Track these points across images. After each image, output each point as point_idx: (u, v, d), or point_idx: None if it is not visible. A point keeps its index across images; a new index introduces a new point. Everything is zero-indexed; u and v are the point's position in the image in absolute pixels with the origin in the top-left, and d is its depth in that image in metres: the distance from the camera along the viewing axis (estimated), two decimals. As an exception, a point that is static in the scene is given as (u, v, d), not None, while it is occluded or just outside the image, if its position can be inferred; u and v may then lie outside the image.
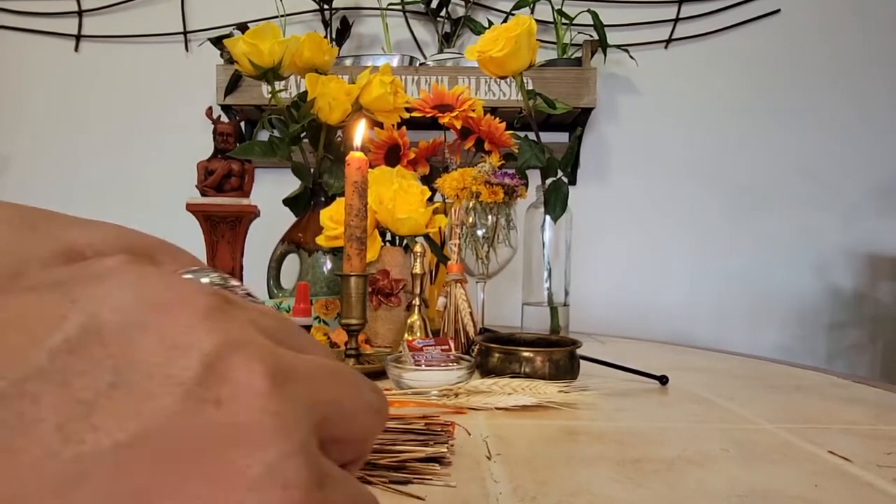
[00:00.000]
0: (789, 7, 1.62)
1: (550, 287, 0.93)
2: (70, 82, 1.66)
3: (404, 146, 1.01)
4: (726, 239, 1.63)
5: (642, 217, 1.63)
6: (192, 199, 1.00)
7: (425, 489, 0.35)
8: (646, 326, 1.54)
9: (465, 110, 0.95)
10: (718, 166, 1.63)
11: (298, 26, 1.63)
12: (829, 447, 0.45)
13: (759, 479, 0.38)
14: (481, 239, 0.86)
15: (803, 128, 1.62)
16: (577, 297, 1.03)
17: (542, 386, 0.56)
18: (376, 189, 0.84)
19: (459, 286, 0.78)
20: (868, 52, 1.62)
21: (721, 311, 1.62)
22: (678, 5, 1.62)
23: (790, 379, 0.73)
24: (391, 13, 1.61)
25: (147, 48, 1.65)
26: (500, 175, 0.85)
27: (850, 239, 1.62)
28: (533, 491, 0.35)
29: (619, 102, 1.64)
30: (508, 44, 0.84)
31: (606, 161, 1.64)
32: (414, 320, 0.77)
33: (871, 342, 1.63)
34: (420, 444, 0.39)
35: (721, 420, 0.53)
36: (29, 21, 1.66)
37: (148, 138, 1.65)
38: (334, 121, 0.92)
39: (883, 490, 0.37)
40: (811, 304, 1.62)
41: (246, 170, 1.05)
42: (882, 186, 1.62)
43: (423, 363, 0.63)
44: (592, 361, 0.68)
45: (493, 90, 1.45)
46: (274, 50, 0.90)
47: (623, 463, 0.40)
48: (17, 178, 1.66)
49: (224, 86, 1.46)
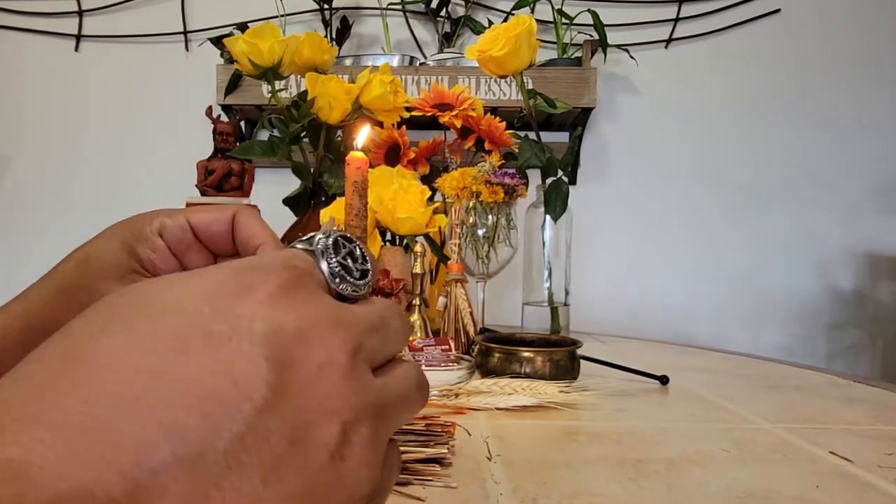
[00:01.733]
0: (789, 7, 1.62)
1: (551, 287, 0.93)
2: (70, 82, 1.66)
3: (404, 146, 1.01)
4: (726, 239, 1.63)
5: (642, 217, 1.63)
6: (192, 199, 1.00)
7: (426, 490, 0.35)
8: (646, 326, 1.54)
9: (465, 109, 0.95)
10: (718, 166, 1.63)
11: (298, 26, 1.63)
12: (829, 447, 0.45)
13: (759, 479, 0.38)
14: (481, 239, 0.86)
15: (803, 128, 1.62)
16: (578, 296, 1.03)
17: (542, 386, 0.56)
18: (376, 189, 0.84)
19: (459, 286, 0.78)
20: (868, 52, 1.62)
21: (721, 311, 1.62)
22: (678, 5, 1.62)
23: (790, 379, 0.73)
24: (391, 13, 1.61)
25: (147, 48, 1.65)
26: (501, 175, 0.85)
27: (850, 239, 1.62)
28: (533, 492, 0.35)
29: (619, 102, 1.64)
30: (508, 43, 0.84)
31: (606, 161, 1.64)
32: (414, 320, 0.77)
33: (871, 342, 1.63)
34: (420, 445, 0.39)
35: (721, 420, 0.53)
36: (29, 21, 1.66)
37: (148, 138, 1.65)
38: (334, 120, 0.92)
39: (884, 491, 0.37)
40: (811, 304, 1.62)
41: (246, 169, 1.05)
42: (882, 186, 1.62)
43: (423, 363, 0.63)
44: (593, 361, 0.68)
45: (493, 90, 1.45)
46: (274, 49, 0.90)
47: (623, 463, 0.40)
48: (17, 178, 1.66)
49: (224, 85, 1.46)
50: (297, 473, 0.14)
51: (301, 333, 0.15)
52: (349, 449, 0.15)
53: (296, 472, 0.14)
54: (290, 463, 0.14)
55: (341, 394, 0.15)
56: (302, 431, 0.14)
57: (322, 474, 0.15)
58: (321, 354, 0.15)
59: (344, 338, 0.16)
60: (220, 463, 0.13)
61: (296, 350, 0.15)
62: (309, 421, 0.15)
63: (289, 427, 0.14)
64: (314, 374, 0.15)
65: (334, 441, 0.15)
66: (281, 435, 0.14)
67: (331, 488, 0.15)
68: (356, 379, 0.16)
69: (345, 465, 0.15)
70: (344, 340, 0.16)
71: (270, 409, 0.14)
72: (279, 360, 0.15)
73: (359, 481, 0.15)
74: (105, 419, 0.13)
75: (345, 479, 0.15)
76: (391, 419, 0.17)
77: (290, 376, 0.15)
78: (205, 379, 0.14)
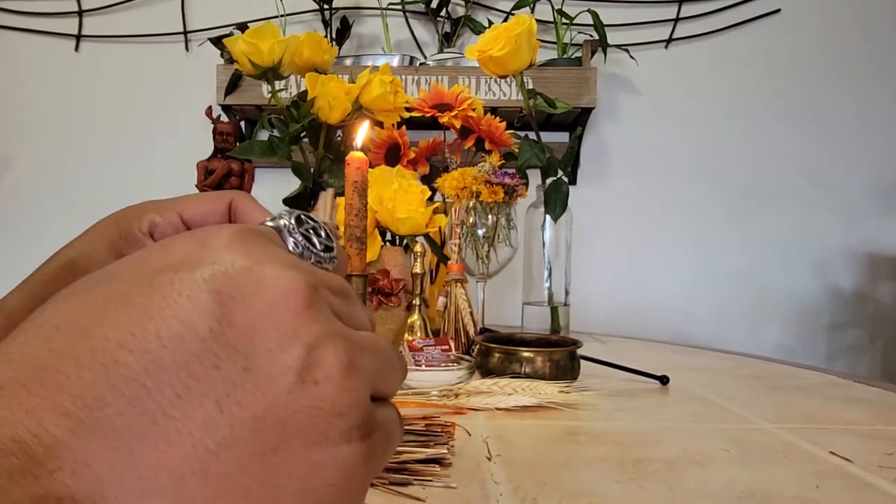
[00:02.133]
0: (789, 7, 1.62)
1: (551, 287, 0.93)
2: (70, 82, 1.66)
3: (404, 146, 1.01)
4: (726, 238, 1.63)
5: (642, 216, 1.63)
6: (192, 199, 1.00)
7: (426, 490, 0.35)
8: (646, 326, 1.54)
9: (465, 109, 0.95)
10: (718, 166, 1.63)
11: (299, 26, 1.63)
12: (829, 447, 0.45)
13: (759, 479, 0.38)
14: (481, 238, 0.86)
15: (803, 127, 1.62)
16: (578, 296, 1.03)
17: (542, 386, 0.56)
18: (376, 189, 0.84)
19: (459, 286, 0.78)
20: (868, 52, 1.62)
21: (721, 311, 1.62)
22: (678, 5, 1.62)
23: (790, 379, 0.73)
24: (391, 13, 1.61)
25: (147, 48, 1.65)
26: (501, 175, 0.85)
27: (850, 239, 1.62)
28: (533, 492, 0.35)
29: (619, 102, 1.64)
30: (508, 43, 0.84)
31: (606, 161, 1.64)
32: (414, 320, 0.77)
33: (871, 342, 1.63)
34: (420, 445, 0.39)
35: (721, 420, 0.53)
36: (29, 21, 1.66)
37: (148, 138, 1.65)
38: (334, 120, 0.92)
39: (884, 491, 0.37)
40: (811, 303, 1.62)
41: (246, 169, 1.05)
42: (882, 186, 1.62)
43: (423, 363, 0.63)
44: (593, 361, 0.68)
45: (493, 90, 1.45)
46: (274, 49, 0.90)
47: (623, 463, 0.40)
48: (18, 178, 1.66)
49: (224, 86, 1.46)
50: (257, 397, 0.14)
51: (250, 269, 0.15)
52: (322, 371, 0.15)
53: (255, 396, 0.14)
54: (246, 388, 0.14)
55: (302, 321, 0.15)
56: (258, 357, 0.15)
57: (291, 397, 0.15)
58: (276, 286, 0.15)
59: (300, 276, 0.16)
60: (166, 392, 0.14)
61: (245, 284, 0.15)
62: (266, 347, 0.15)
63: (241, 354, 0.14)
64: (269, 303, 0.15)
65: (299, 363, 0.15)
66: (232, 362, 0.14)
67: (307, 411, 0.15)
68: (318, 308, 0.16)
69: (319, 388, 0.15)
70: (299, 278, 0.16)
71: (216, 337, 0.14)
72: (225, 293, 0.15)
73: (340, 405, 0.15)
74: (48, 369, 0.14)
75: (322, 403, 0.15)
76: (368, 360, 0.16)
77: (239, 307, 0.15)
78: (144, 319, 0.14)
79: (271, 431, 0.14)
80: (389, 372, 0.18)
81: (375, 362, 0.17)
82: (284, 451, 0.15)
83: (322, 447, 0.15)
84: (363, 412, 0.16)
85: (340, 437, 0.15)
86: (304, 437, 0.15)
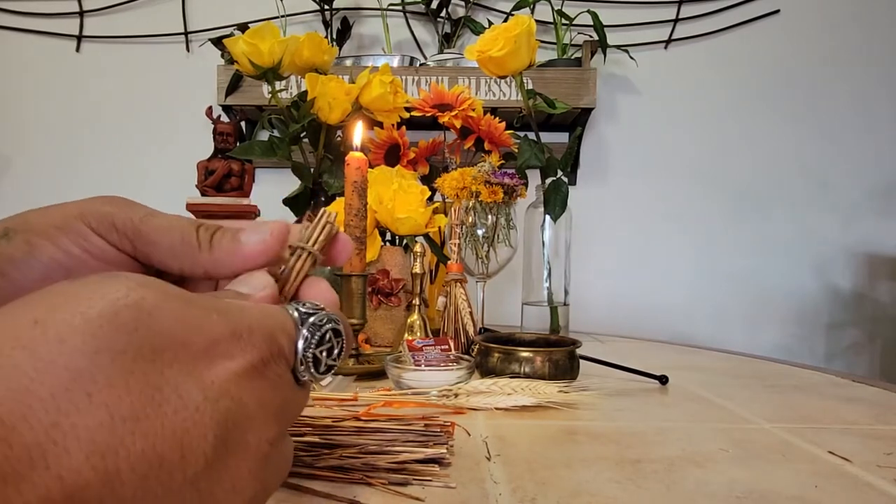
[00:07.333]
0: (789, 7, 1.62)
1: (550, 287, 0.93)
2: (71, 83, 1.66)
3: (404, 146, 1.01)
4: (726, 239, 1.63)
5: (642, 217, 1.63)
6: (192, 199, 1.00)
7: (425, 490, 0.35)
8: (646, 326, 1.54)
9: (465, 110, 0.95)
10: (718, 166, 1.63)
11: (299, 26, 1.63)
12: (828, 447, 0.45)
13: (758, 479, 0.38)
14: (481, 238, 0.86)
15: (803, 128, 1.62)
16: (577, 296, 1.03)
17: (541, 386, 0.56)
18: (376, 189, 0.84)
19: (459, 286, 0.78)
20: (868, 53, 1.62)
21: (721, 311, 1.62)
22: (678, 5, 1.62)
23: (789, 378, 0.73)
24: (391, 13, 1.61)
25: (148, 48, 1.65)
26: (500, 175, 0.85)
27: (849, 239, 1.62)
28: (533, 492, 0.35)
29: (619, 102, 1.64)
30: (508, 43, 0.84)
31: (606, 161, 1.64)
32: (414, 320, 0.77)
33: (870, 342, 1.63)
34: (419, 445, 0.39)
35: (720, 420, 0.53)
36: (30, 21, 1.66)
37: (148, 138, 1.65)
38: (334, 120, 0.92)
39: (883, 490, 0.37)
40: (810, 304, 1.62)
41: (246, 169, 1.05)
42: (882, 186, 1.62)
43: (422, 363, 0.63)
44: (592, 361, 0.68)
45: (493, 90, 1.45)
46: (274, 49, 0.90)
47: (622, 463, 0.40)
48: (18, 178, 1.66)
49: (225, 86, 1.46)
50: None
51: (251, 418, 0.18)
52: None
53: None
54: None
55: (251, 480, 0.18)
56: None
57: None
58: (254, 440, 0.18)
59: (276, 431, 0.19)
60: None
61: (241, 434, 0.18)
62: (218, 498, 0.17)
63: (198, 499, 0.17)
64: (241, 454, 0.18)
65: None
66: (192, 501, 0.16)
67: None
68: (265, 468, 0.19)
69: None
70: (275, 434, 0.19)
71: (192, 482, 0.16)
72: (224, 441, 0.17)
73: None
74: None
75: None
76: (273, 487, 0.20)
77: (223, 454, 0.17)
78: (158, 442, 0.15)
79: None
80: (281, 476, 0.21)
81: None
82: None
83: None
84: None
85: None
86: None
